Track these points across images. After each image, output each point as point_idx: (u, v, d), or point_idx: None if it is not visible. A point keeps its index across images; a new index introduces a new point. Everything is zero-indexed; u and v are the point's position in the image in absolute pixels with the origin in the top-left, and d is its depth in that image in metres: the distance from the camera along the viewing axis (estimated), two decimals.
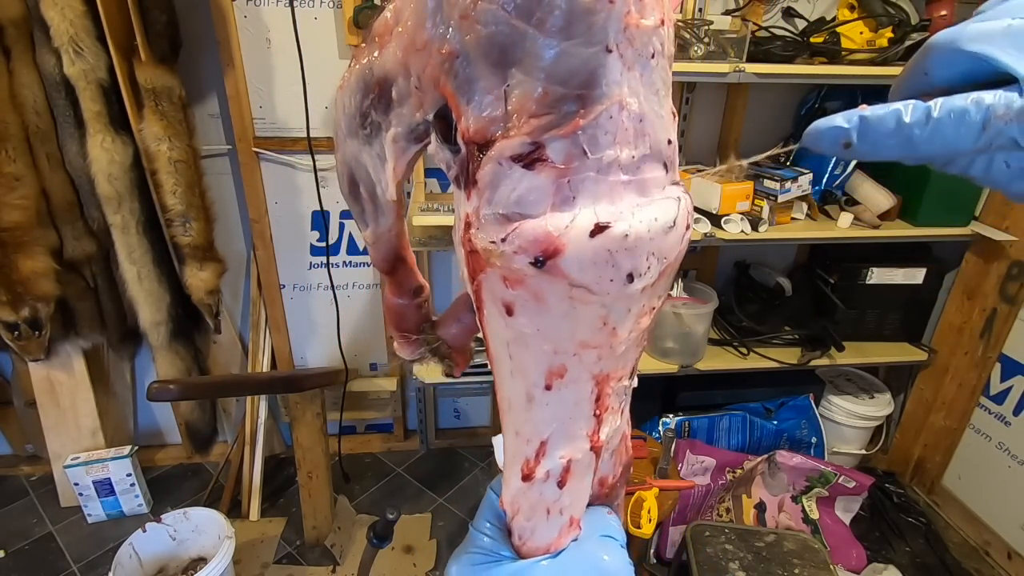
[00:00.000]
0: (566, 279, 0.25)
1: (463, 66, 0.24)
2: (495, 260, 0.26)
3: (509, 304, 0.27)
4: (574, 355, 0.28)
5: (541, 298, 0.26)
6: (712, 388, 1.80)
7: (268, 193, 1.70)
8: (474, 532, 0.35)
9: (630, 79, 0.24)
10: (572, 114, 0.23)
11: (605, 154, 0.24)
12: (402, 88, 0.27)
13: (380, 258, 0.36)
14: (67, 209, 1.48)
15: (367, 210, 0.32)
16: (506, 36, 0.22)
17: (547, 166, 0.24)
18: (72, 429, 1.75)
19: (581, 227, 0.24)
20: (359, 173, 0.31)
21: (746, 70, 1.34)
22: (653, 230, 0.25)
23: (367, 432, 2.15)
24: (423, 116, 0.26)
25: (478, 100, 0.24)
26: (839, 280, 1.75)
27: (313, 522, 1.67)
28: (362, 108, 0.28)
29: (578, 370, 0.28)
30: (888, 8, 1.44)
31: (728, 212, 1.50)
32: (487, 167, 0.24)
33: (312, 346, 1.95)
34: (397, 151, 0.28)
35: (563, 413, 0.30)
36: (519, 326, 0.27)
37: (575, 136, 0.23)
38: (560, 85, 0.23)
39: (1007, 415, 1.72)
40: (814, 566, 1.21)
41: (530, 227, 0.24)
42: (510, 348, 0.28)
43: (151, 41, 1.36)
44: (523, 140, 0.23)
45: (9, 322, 1.47)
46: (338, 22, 1.52)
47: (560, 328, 0.27)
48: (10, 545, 1.68)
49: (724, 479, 1.67)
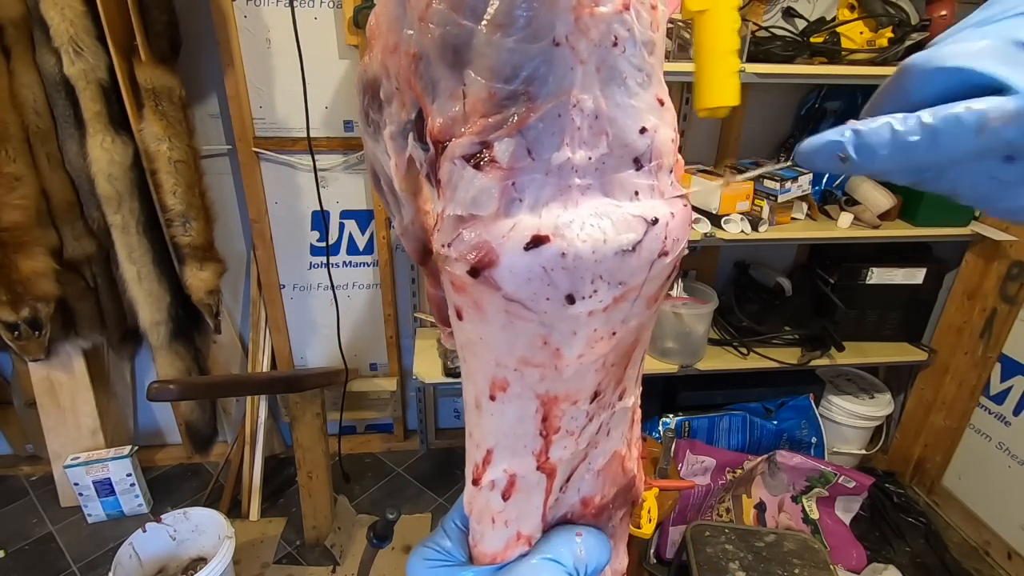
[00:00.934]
0: (499, 291, 0.24)
1: (426, 68, 0.24)
2: (443, 265, 0.25)
3: (459, 308, 0.26)
4: (515, 370, 0.27)
5: (481, 307, 0.25)
6: (712, 388, 1.80)
7: (268, 193, 1.70)
8: (439, 528, 0.36)
9: (584, 72, 0.22)
10: (518, 113, 0.23)
11: (553, 156, 0.23)
12: (387, 89, 0.27)
13: (411, 248, 0.36)
14: (67, 209, 1.48)
15: (391, 202, 0.33)
16: (455, 36, 0.22)
17: (494, 167, 0.23)
18: (72, 429, 1.75)
19: (516, 238, 0.23)
20: (377, 168, 0.32)
21: (746, 70, 1.34)
22: (600, 252, 0.23)
23: (367, 432, 2.15)
24: (407, 116, 0.27)
25: (441, 100, 0.24)
26: (839, 280, 1.75)
27: (313, 522, 1.67)
28: (363, 107, 0.30)
29: (520, 386, 0.27)
30: (888, 8, 1.44)
31: (728, 212, 1.51)
32: (444, 166, 0.24)
33: (312, 346, 1.95)
34: (396, 148, 0.29)
35: (506, 427, 0.29)
36: (467, 331, 0.27)
37: (519, 135, 0.23)
38: (505, 83, 0.22)
39: (1007, 415, 1.72)
40: (814, 566, 1.21)
41: (469, 235, 0.24)
42: (464, 351, 0.28)
43: (151, 41, 1.36)
44: (472, 140, 0.23)
45: (9, 322, 1.47)
46: (338, 22, 1.53)
47: (499, 340, 0.26)
48: (10, 545, 1.68)
49: (724, 479, 1.67)
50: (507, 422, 0.28)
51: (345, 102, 1.62)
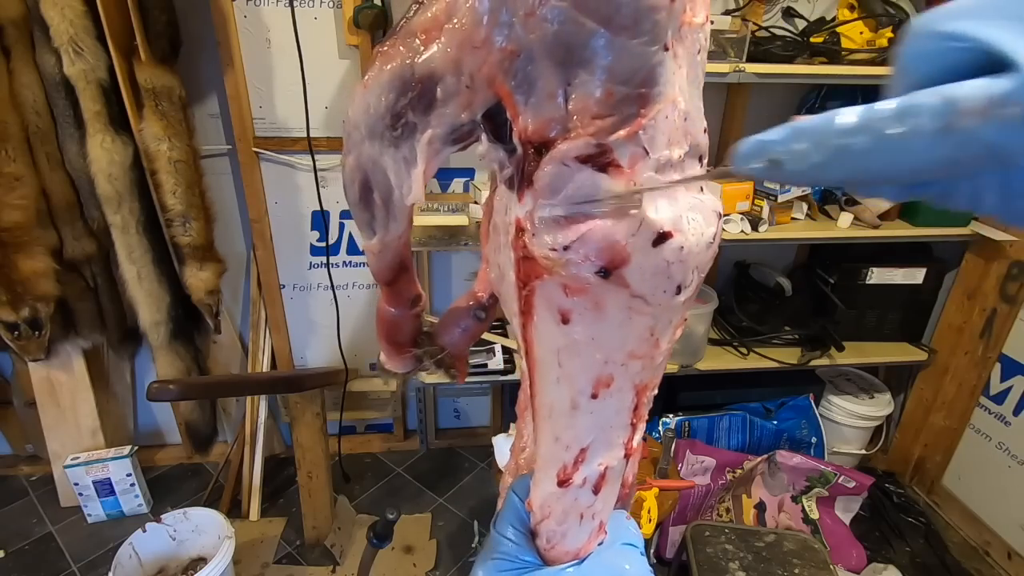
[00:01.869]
0: (628, 289, 0.25)
1: (524, 65, 0.23)
2: (558, 268, 0.25)
3: (566, 312, 0.27)
4: (622, 365, 0.28)
5: (601, 307, 0.26)
6: (712, 388, 1.80)
7: (268, 193, 1.70)
8: (497, 536, 0.34)
9: (680, 76, 0.24)
10: (633, 115, 0.23)
11: (662, 154, 0.24)
12: (450, 86, 0.25)
13: (385, 267, 0.35)
14: (67, 209, 1.48)
15: (378, 217, 0.31)
16: (573, 35, 0.22)
17: (618, 170, 0.24)
18: (72, 429, 1.75)
19: (645, 235, 0.24)
20: (375, 178, 0.29)
21: (746, 70, 1.34)
22: (700, 244, 0.26)
23: (367, 432, 2.15)
24: (470, 116, 0.26)
25: (536, 100, 0.24)
26: (839, 280, 1.75)
27: (313, 522, 1.67)
28: (395, 108, 0.27)
29: (623, 380, 0.29)
30: (888, 8, 1.44)
31: (728, 212, 1.50)
32: (548, 168, 0.24)
33: (312, 346, 1.95)
34: (431, 152, 0.27)
35: (604, 422, 0.30)
36: (574, 334, 0.27)
37: (637, 137, 0.23)
38: (623, 85, 0.23)
39: (1007, 415, 1.72)
40: (814, 566, 1.21)
41: (597, 235, 0.24)
42: (560, 355, 0.28)
43: (151, 41, 1.36)
44: (588, 141, 0.23)
45: (9, 322, 1.47)
46: (338, 22, 1.52)
47: (614, 337, 0.27)
48: (10, 545, 1.68)
49: (724, 479, 1.67)
50: (607, 416, 0.29)
51: (345, 102, 1.62)
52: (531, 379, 0.30)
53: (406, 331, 0.41)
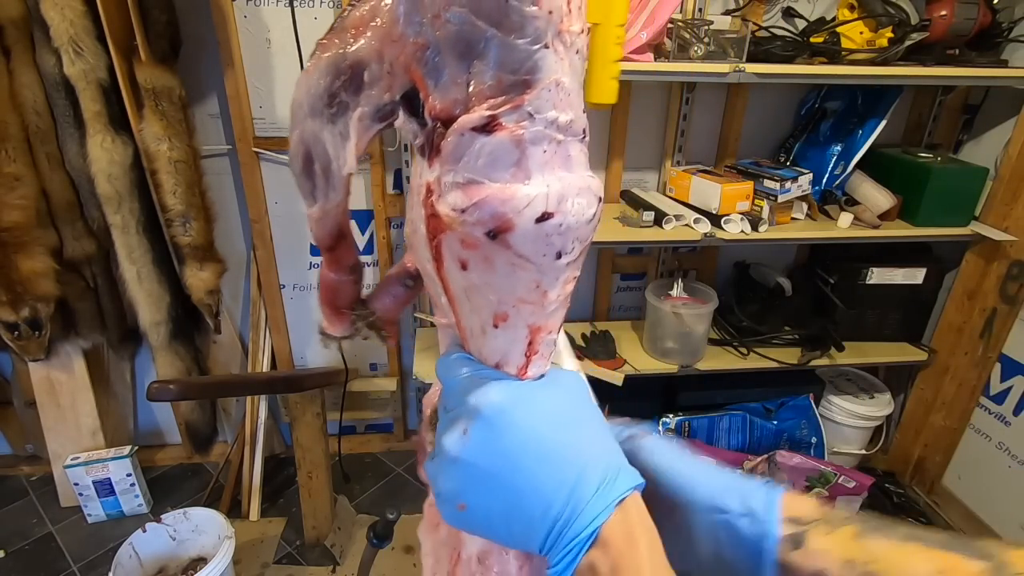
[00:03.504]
0: (511, 250, 0.31)
1: (433, 56, 0.29)
2: (456, 226, 0.31)
3: (464, 261, 0.33)
4: (513, 306, 0.35)
5: (490, 260, 0.32)
6: (712, 388, 1.80)
7: (268, 193, 1.70)
8: (460, 376, 0.37)
9: (562, 65, 0.30)
10: (519, 94, 0.29)
11: (548, 114, 0.30)
12: (374, 72, 0.31)
13: (325, 234, 0.39)
14: (67, 209, 1.48)
15: (318, 186, 0.36)
16: (471, 33, 0.28)
17: (502, 128, 0.29)
18: (72, 429, 1.75)
19: (530, 214, 0.30)
20: (316, 150, 0.34)
21: (746, 70, 1.34)
22: (580, 222, 0.32)
23: (367, 432, 2.15)
24: (391, 97, 0.31)
25: (444, 84, 0.29)
26: (839, 280, 1.75)
27: (313, 522, 1.67)
28: (331, 89, 0.32)
29: (516, 318, 0.35)
30: (888, 8, 1.43)
31: (728, 212, 1.50)
32: (450, 138, 0.30)
33: (312, 346, 1.95)
34: (361, 128, 0.33)
35: (505, 347, 0.36)
36: (472, 279, 0.34)
37: (523, 107, 0.29)
38: (511, 73, 0.29)
39: (1007, 415, 1.72)
40: None
41: (488, 205, 0.30)
42: (467, 293, 0.35)
43: (151, 41, 1.36)
44: (482, 115, 0.29)
45: (9, 322, 1.47)
46: None
47: (503, 285, 0.34)
48: (10, 545, 1.68)
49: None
50: (506, 343, 0.36)
51: None
52: (452, 308, 0.37)
53: (345, 296, 0.46)
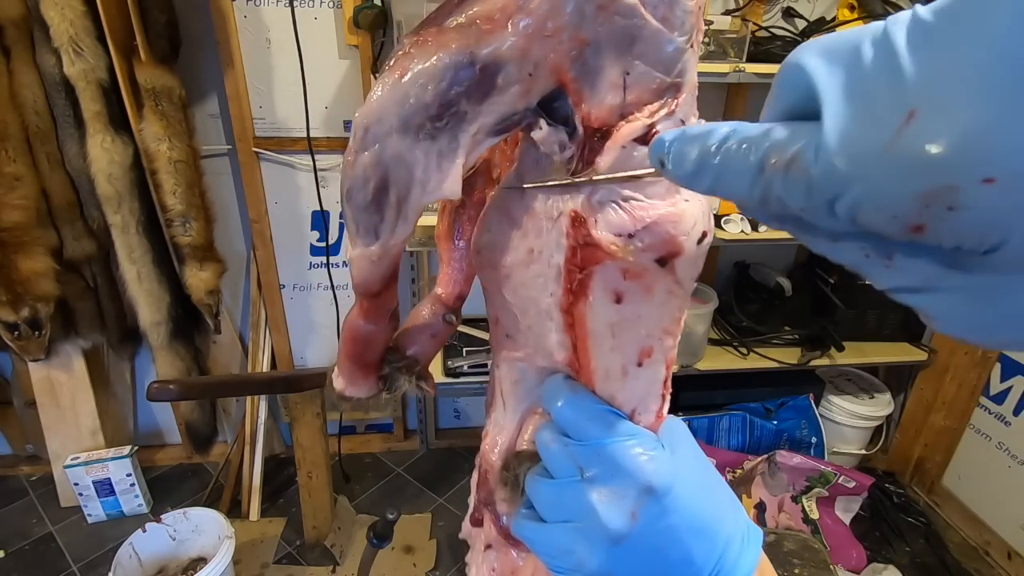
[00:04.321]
0: (674, 275, 0.29)
1: (592, 54, 0.26)
2: (623, 255, 0.28)
3: (621, 293, 0.30)
4: (659, 339, 0.32)
5: (651, 290, 0.30)
6: (712, 388, 1.80)
7: (268, 193, 1.70)
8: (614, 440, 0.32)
9: (695, 65, 0.28)
10: (671, 99, 0.27)
11: (691, 122, 0.28)
12: (512, 74, 0.26)
13: (379, 277, 0.32)
14: (67, 209, 1.48)
15: (387, 219, 0.29)
16: (638, 29, 0.25)
17: None
18: (72, 429, 1.75)
19: (695, 235, 0.29)
20: (396, 175, 0.27)
21: (746, 70, 1.34)
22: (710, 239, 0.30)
23: (367, 432, 2.15)
24: (526, 104, 0.27)
25: (601, 87, 0.26)
26: (839, 280, 1.75)
27: (313, 522, 1.67)
28: (446, 97, 0.26)
29: (659, 352, 0.33)
30: (888, 8, 1.44)
31: (728, 212, 1.50)
32: (611, 152, 0.27)
33: (312, 346, 1.95)
34: (473, 144, 0.27)
35: (646, 388, 0.33)
36: (625, 312, 0.31)
37: (674, 115, 0.27)
38: (666, 74, 0.26)
39: (1007, 415, 1.72)
40: (814, 566, 1.21)
41: (661, 228, 0.28)
42: (613, 329, 0.31)
43: (151, 41, 1.35)
44: (644, 123, 0.26)
45: (9, 322, 1.47)
46: (338, 22, 1.52)
47: (655, 315, 0.31)
48: (10, 545, 1.68)
49: (724, 479, 1.67)
50: (648, 383, 0.33)
51: (345, 102, 1.62)
52: (581, 348, 0.32)
53: (378, 347, 0.38)
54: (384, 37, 1.52)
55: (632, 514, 0.30)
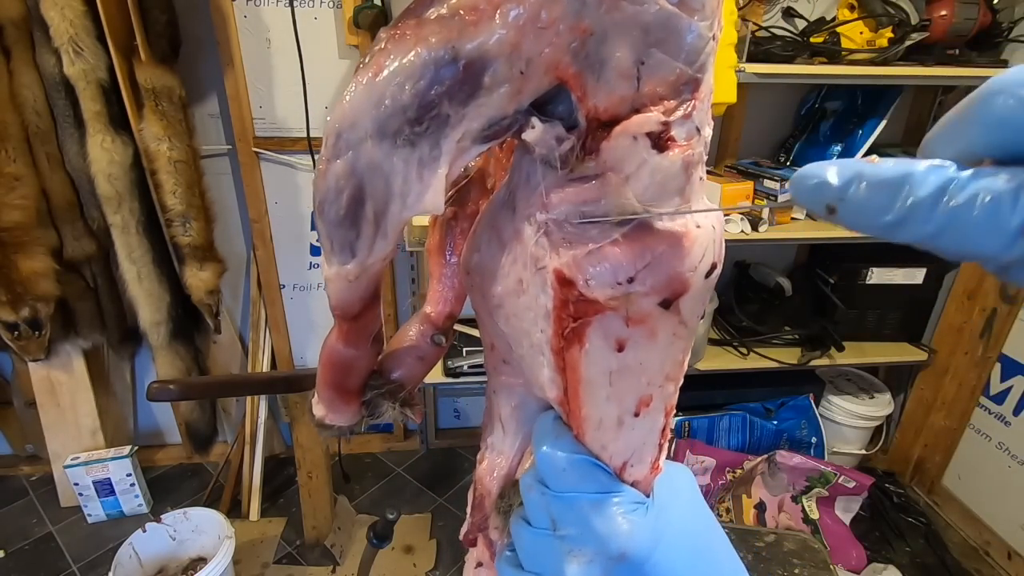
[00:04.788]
0: (679, 316, 0.26)
1: (596, 45, 0.22)
2: (624, 306, 0.25)
3: (623, 341, 0.27)
4: (660, 386, 0.29)
5: (655, 334, 0.27)
6: (712, 388, 1.79)
7: (268, 193, 1.69)
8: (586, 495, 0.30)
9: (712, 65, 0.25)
10: (689, 97, 0.24)
11: (706, 130, 0.25)
12: (500, 73, 0.23)
13: (356, 298, 0.29)
14: (67, 209, 1.48)
15: (363, 235, 0.25)
16: (652, 15, 0.22)
17: (675, 145, 0.24)
18: (72, 429, 1.75)
19: (703, 268, 0.25)
20: (372, 186, 0.24)
21: (746, 70, 1.34)
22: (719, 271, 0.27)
23: (367, 432, 2.14)
24: (516, 106, 0.23)
25: (608, 78, 0.23)
26: (839, 280, 1.75)
27: (313, 522, 1.67)
28: (426, 98, 0.23)
29: (659, 400, 0.29)
30: (888, 8, 1.43)
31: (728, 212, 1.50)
32: (618, 139, 0.23)
33: (312, 346, 1.95)
34: (458, 152, 0.24)
35: (642, 439, 0.30)
36: (627, 360, 0.27)
37: (692, 117, 0.24)
38: (688, 66, 0.23)
39: (1007, 415, 1.72)
40: (814, 566, 1.21)
41: (666, 262, 0.25)
42: (612, 377, 0.28)
43: (151, 41, 1.35)
44: (659, 118, 0.23)
45: (9, 322, 1.47)
46: (338, 22, 1.52)
47: (657, 361, 0.28)
48: (10, 545, 1.68)
49: (724, 479, 1.67)
50: (644, 434, 0.30)
51: None
52: (572, 394, 0.29)
53: (361, 373, 0.36)
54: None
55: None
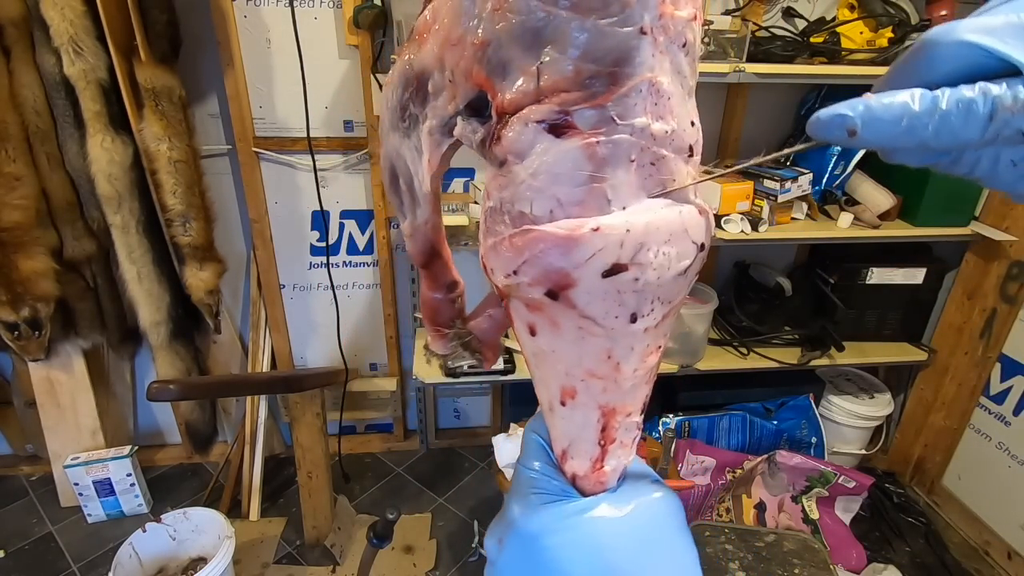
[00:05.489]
0: (576, 310, 0.26)
1: (495, 52, 0.25)
2: (515, 293, 0.27)
3: (532, 325, 0.28)
4: (582, 380, 0.29)
5: (557, 324, 0.27)
6: (712, 388, 1.80)
7: (268, 193, 1.70)
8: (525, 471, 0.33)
9: (661, 61, 0.25)
10: (602, 91, 0.24)
11: (636, 120, 0.25)
12: (437, 81, 0.28)
13: (416, 251, 0.37)
14: (67, 209, 1.48)
15: (405, 202, 0.33)
16: (539, 20, 0.23)
17: (575, 132, 0.24)
18: (72, 429, 1.75)
19: (595, 267, 0.25)
20: (399, 166, 0.32)
21: (746, 70, 1.34)
22: (665, 277, 0.26)
23: (367, 432, 2.15)
24: (455, 108, 0.27)
25: (513, 77, 0.25)
26: (839, 280, 1.75)
27: (313, 522, 1.67)
28: (402, 101, 0.30)
29: (586, 395, 0.29)
30: (888, 8, 1.44)
31: (728, 212, 1.50)
32: (514, 127, 0.25)
33: (312, 346, 1.95)
34: (432, 144, 0.29)
35: (575, 432, 0.31)
36: (540, 344, 0.29)
37: (604, 108, 0.24)
38: (592, 63, 0.24)
39: (1007, 415, 1.72)
40: (814, 566, 1.21)
41: (542, 262, 0.25)
42: (535, 360, 0.30)
43: (151, 41, 1.36)
44: (552, 108, 0.24)
45: (9, 322, 1.47)
46: (338, 22, 1.52)
47: (571, 353, 0.28)
48: (10, 545, 1.68)
49: (724, 479, 1.67)
50: (576, 426, 0.30)
51: (345, 102, 1.62)
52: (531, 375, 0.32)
53: (445, 315, 0.43)
54: (384, 37, 1.52)
55: (499, 540, 0.30)
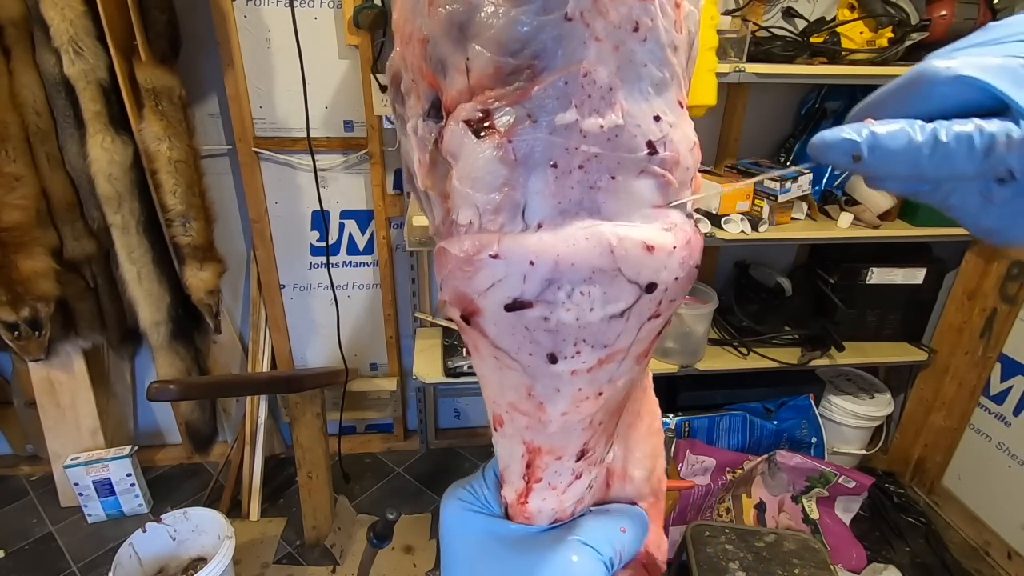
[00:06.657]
0: (487, 339, 0.25)
1: (434, 49, 0.24)
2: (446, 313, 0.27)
3: (469, 344, 0.28)
4: (506, 412, 0.28)
5: (477, 349, 0.26)
6: (712, 388, 1.80)
7: (268, 193, 1.70)
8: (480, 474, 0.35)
9: (599, 49, 0.22)
10: (522, 87, 0.23)
11: (558, 117, 0.23)
12: (406, 82, 0.28)
13: None
14: (67, 209, 1.48)
15: (422, 201, 0.31)
16: (461, 13, 0.22)
17: (492, 132, 0.23)
18: (72, 429, 1.75)
19: (496, 298, 0.23)
20: (408, 160, 0.31)
21: (746, 70, 1.34)
22: (585, 319, 0.23)
23: (367, 432, 2.15)
24: (423, 107, 0.27)
25: (450, 76, 0.24)
26: (839, 280, 1.75)
27: (313, 522, 1.67)
28: (394, 100, 0.30)
29: (511, 428, 0.28)
30: (888, 8, 1.44)
31: (728, 212, 1.50)
32: (448, 127, 0.25)
33: (312, 346, 1.95)
34: (419, 143, 0.29)
35: (506, 459, 0.30)
36: (475, 365, 0.28)
37: (521, 104, 0.23)
38: (511, 56, 0.22)
39: (1007, 415, 1.72)
40: (814, 566, 1.21)
41: (451, 282, 0.24)
42: (479, 379, 0.29)
43: (151, 41, 1.35)
44: (474, 106, 0.23)
45: (9, 322, 1.47)
46: (338, 22, 1.52)
47: (493, 381, 0.27)
48: (10, 545, 1.68)
49: (724, 479, 1.67)
50: (504, 454, 0.30)
51: (345, 102, 1.62)
52: None
53: None
54: (384, 37, 1.52)
55: None
